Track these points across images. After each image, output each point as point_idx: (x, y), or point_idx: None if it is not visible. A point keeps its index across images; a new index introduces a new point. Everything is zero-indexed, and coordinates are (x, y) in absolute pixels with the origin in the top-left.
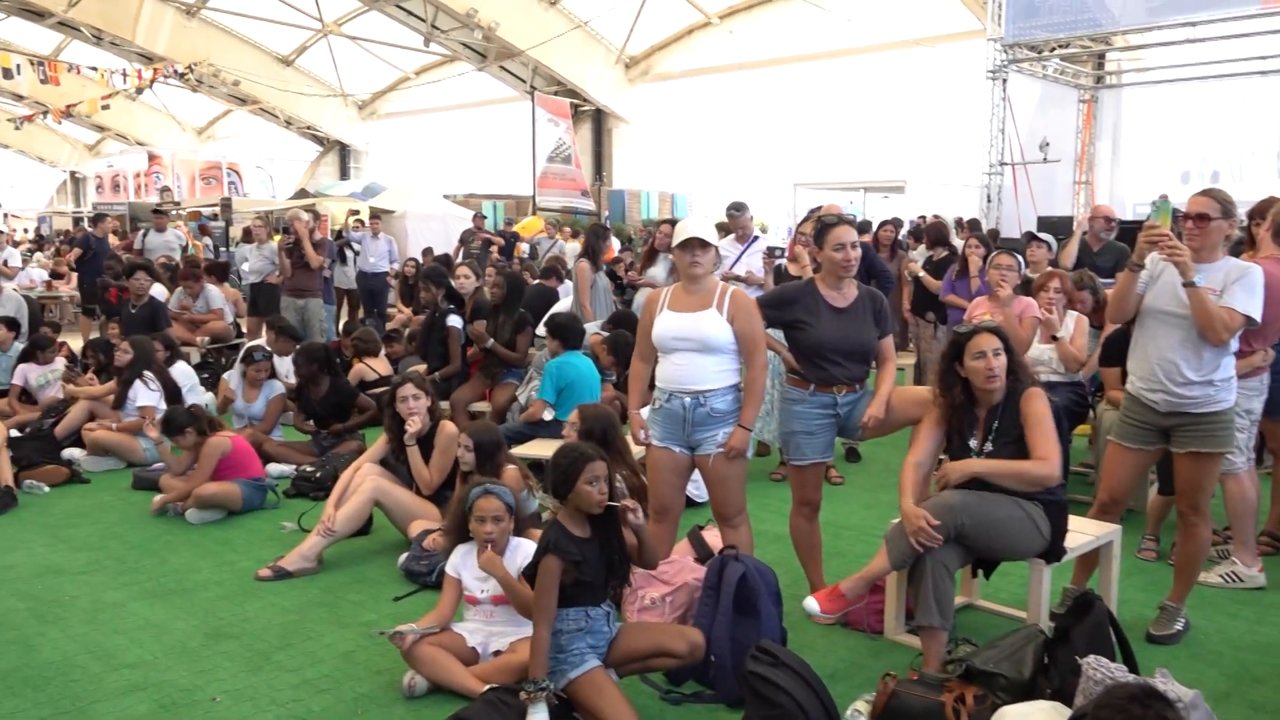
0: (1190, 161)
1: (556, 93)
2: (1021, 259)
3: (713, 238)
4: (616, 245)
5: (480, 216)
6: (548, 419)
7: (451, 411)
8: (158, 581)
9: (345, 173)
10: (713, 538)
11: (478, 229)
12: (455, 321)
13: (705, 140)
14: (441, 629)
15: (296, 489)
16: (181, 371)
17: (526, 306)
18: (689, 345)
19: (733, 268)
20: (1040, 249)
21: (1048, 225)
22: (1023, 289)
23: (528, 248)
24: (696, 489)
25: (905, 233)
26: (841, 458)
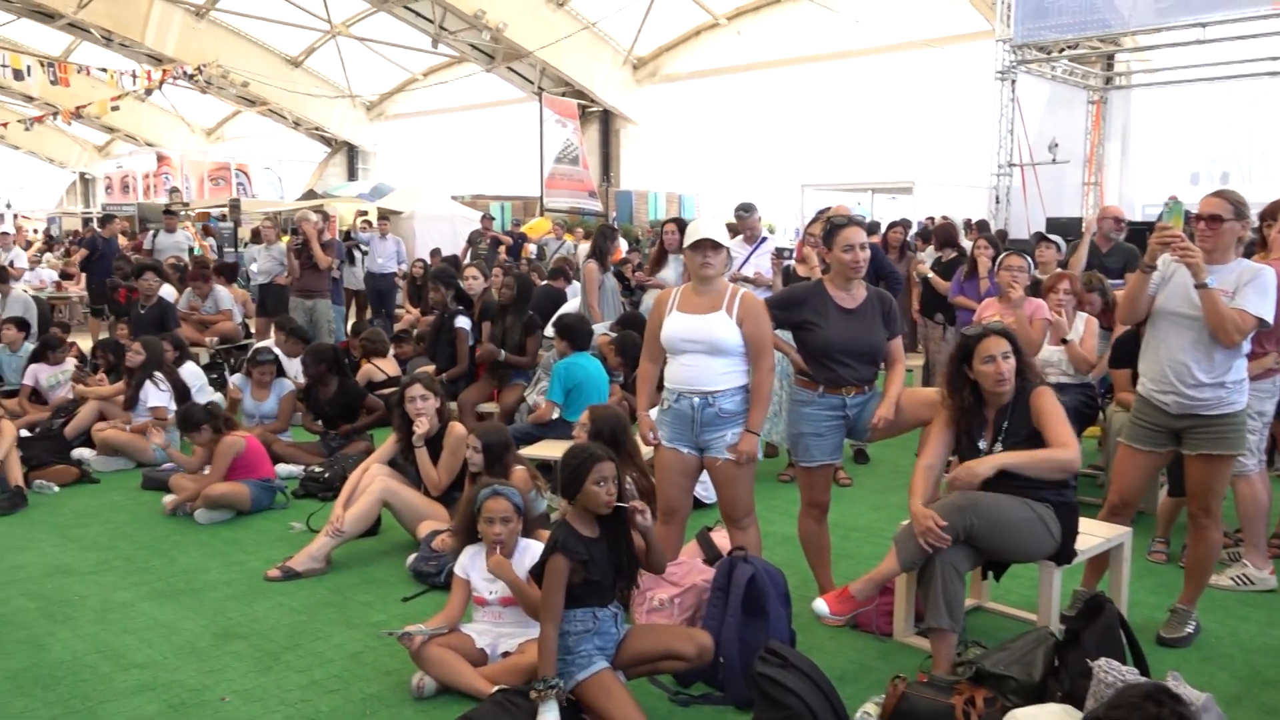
0: (1200, 163)
1: (564, 94)
2: (1031, 260)
3: (725, 239)
4: (624, 246)
5: (488, 217)
6: (554, 417)
7: (459, 412)
8: (167, 581)
9: (353, 174)
10: (721, 539)
11: (485, 230)
12: (463, 322)
13: (713, 141)
14: (450, 630)
15: (305, 489)
16: (190, 372)
17: (534, 308)
18: (698, 347)
19: (741, 269)
20: (1049, 250)
21: (1056, 226)
22: (1032, 290)
23: (535, 249)
24: (705, 490)
25: (913, 234)
26: (850, 459)
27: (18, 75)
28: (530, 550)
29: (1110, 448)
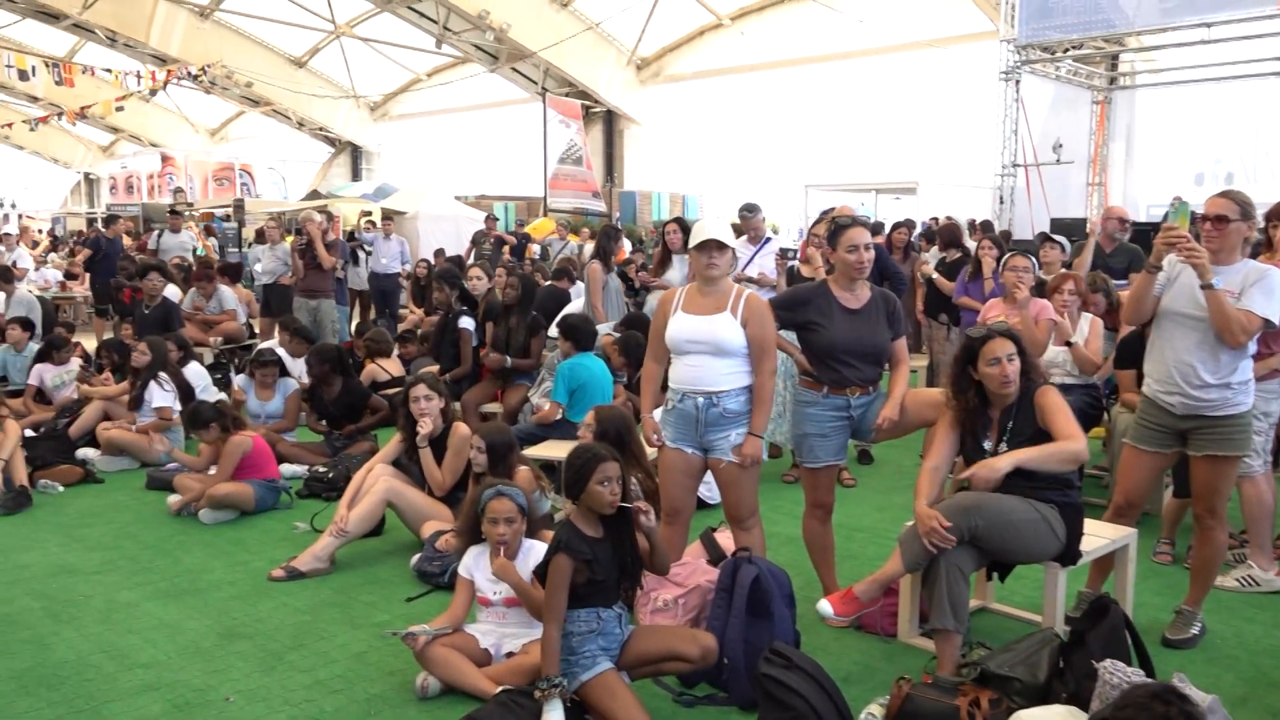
0: (1204, 163)
1: (568, 94)
2: (1035, 261)
3: (730, 240)
4: (628, 247)
5: (492, 218)
6: (558, 418)
7: (463, 413)
8: (171, 581)
9: (357, 174)
10: (725, 540)
11: (489, 230)
12: (467, 323)
13: (717, 141)
14: (454, 630)
15: (309, 489)
16: (195, 372)
17: (538, 308)
18: (702, 348)
19: (745, 269)
20: (1054, 250)
21: (1061, 227)
22: (1036, 291)
23: (539, 249)
24: (709, 491)
25: (917, 234)
26: (854, 460)
27: (23, 76)
28: (535, 551)
29: (1115, 449)
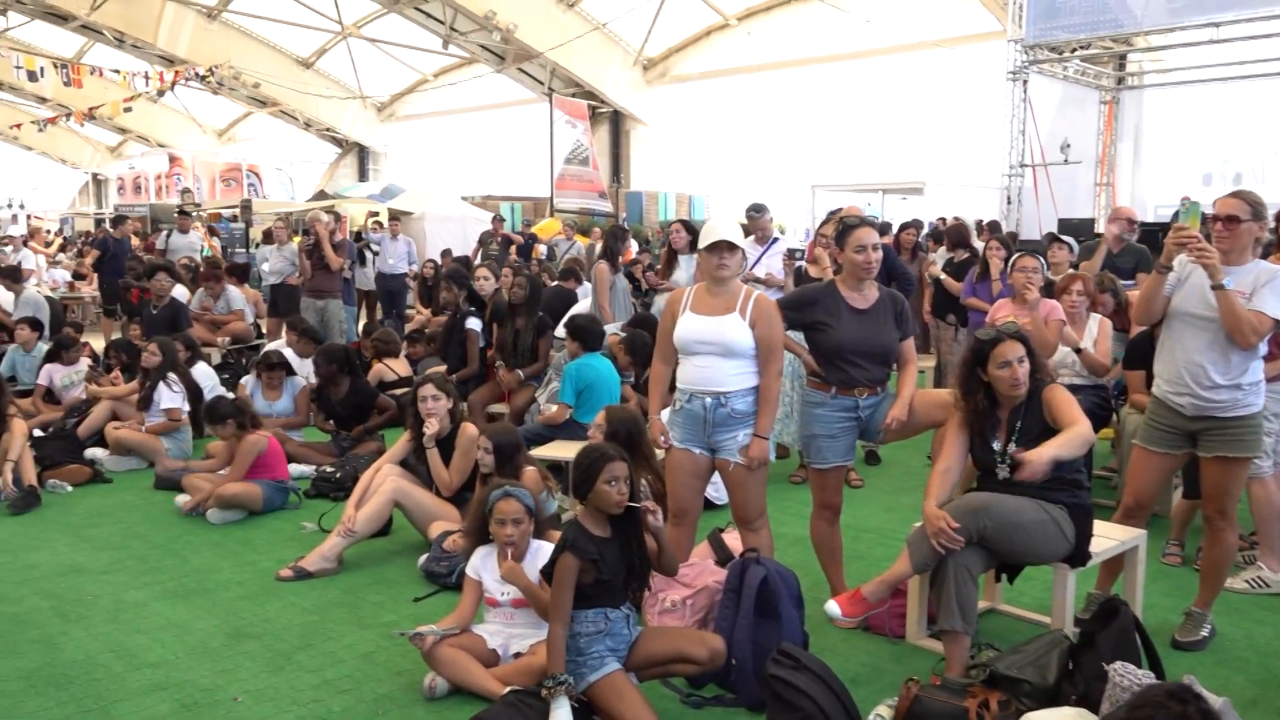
0: (1212, 163)
1: (574, 94)
2: (1044, 261)
3: (740, 240)
4: (634, 247)
5: (499, 218)
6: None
7: (469, 413)
8: (179, 581)
9: (364, 174)
10: (733, 540)
11: (496, 230)
12: (474, 324)
13: (723, 142)
14: (462, 630)
15: (316, 489)
16: (202, 372)
17: (545, 309)
18: (711, 348)
19: (752, 269)
20: (1062, 250)
21: (1068, 227)
22: (1045, 291)
23: (545, 249)
24: (716, 491)
25: (924, 235)
26: (861, 460)
27: (31, 77)
28: (542, 551)
29: (1124, 450)
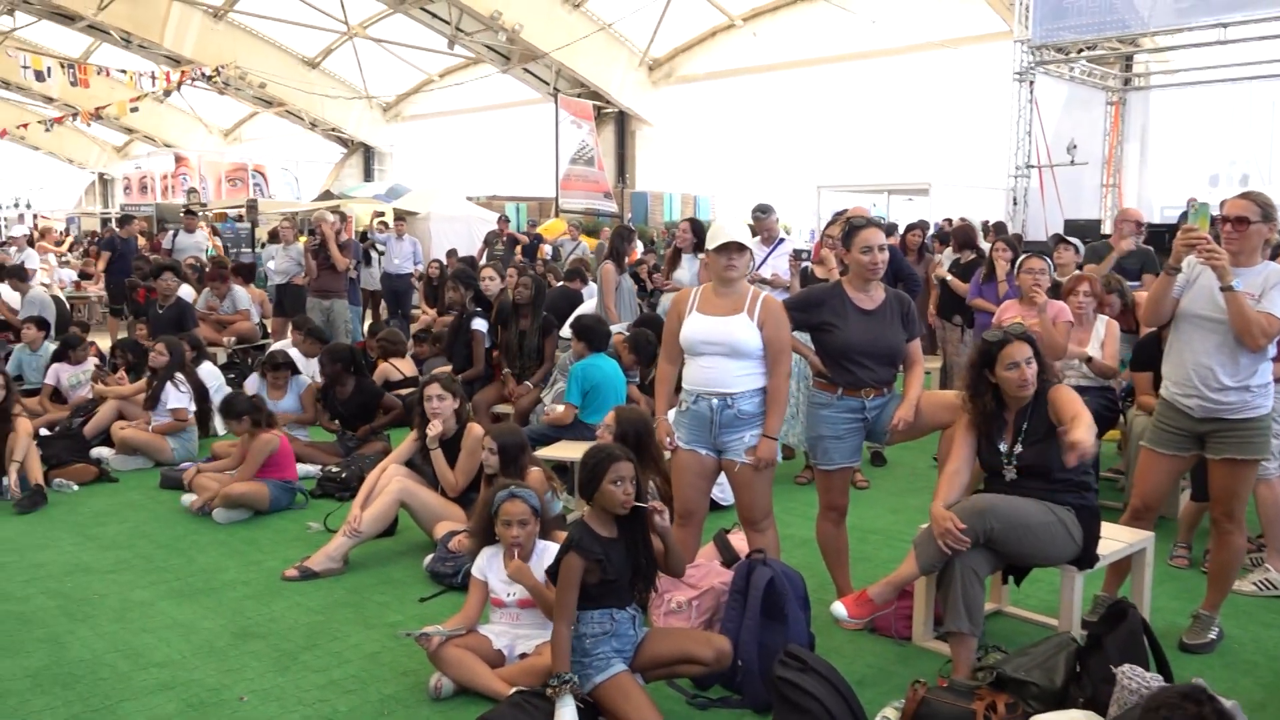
0: (1219, 164)
1: (580, 95)
2: (1050, 262)
3: (749, 241)
4: (639, 248)
5: (504, 218)
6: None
7: (473, 413)
8: (185, 581)
9: (369, 174)
10: (739, 541)
11: (501, 230)
12: (480, 325)
13: (728, 142)
14: (468, 631)
15: (322, 489)
16: (208, 372)
17: (551, 309)
18: (718, 349)
19: (758, 270)
20: (1068, 251)
21: (1075, 228)
22: (1051, 292)
23: (550, 249)
24: (721, 492)
25: (930, 236)
26: (867, 462)
27: (38, 76)
28: (548, 552)
29: (1131, 451)
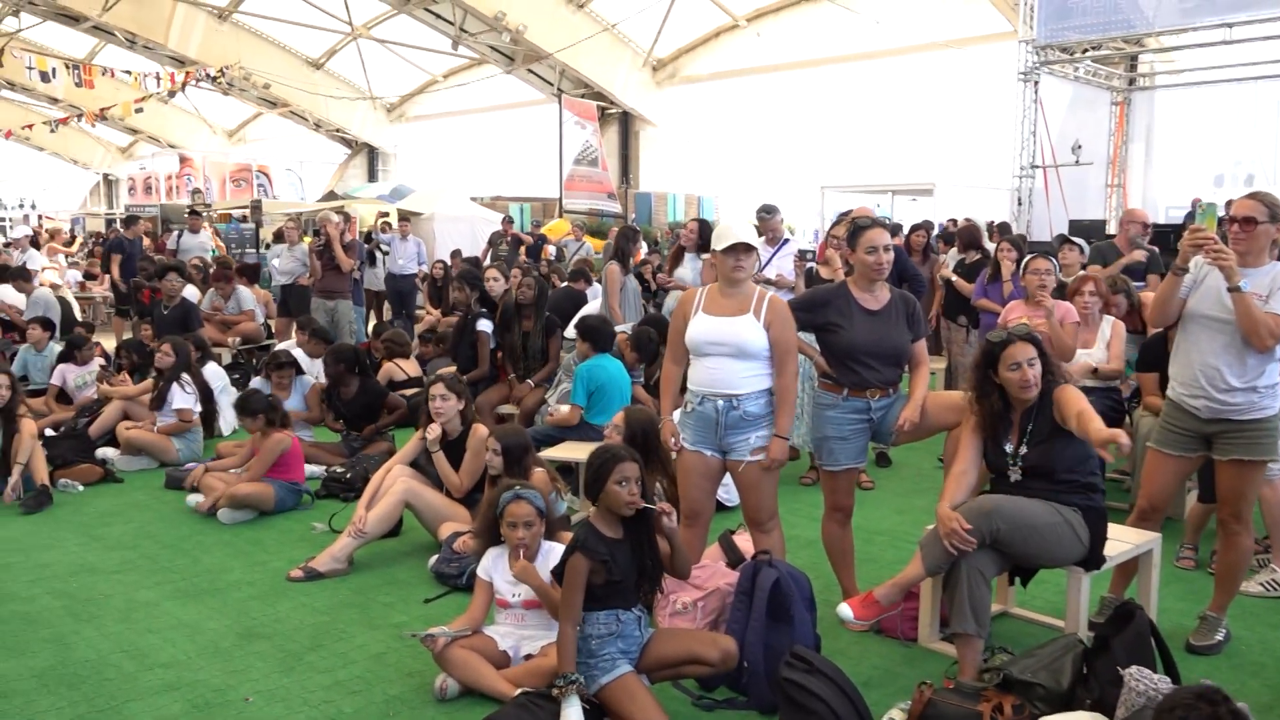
0: (1224, 164)
1: (584, 95)
2: (1055, 262)
3: (757, 242)
4: (644, 248)
5: (508, 219)
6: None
7: (478, 414)
8: (190, 581)
9: (373, 175)
10: (744, 542)
11: (506, 231)
12: (485, 325)
13: (732, 143)
14: (473, 632)
15: (327, 490)
16: (212, 372)
17: (555, 309)
18: (724, 350)
19: (763, 270)
20: (1073, 252)
21: (1079, 229)
22: (1057, 293)
23: (554, 250)
24: (726, 493)
25: (935, 236)
26: (872, 463)
27: (44, 77)
28: (553, 553)
29: (1138, 452)
